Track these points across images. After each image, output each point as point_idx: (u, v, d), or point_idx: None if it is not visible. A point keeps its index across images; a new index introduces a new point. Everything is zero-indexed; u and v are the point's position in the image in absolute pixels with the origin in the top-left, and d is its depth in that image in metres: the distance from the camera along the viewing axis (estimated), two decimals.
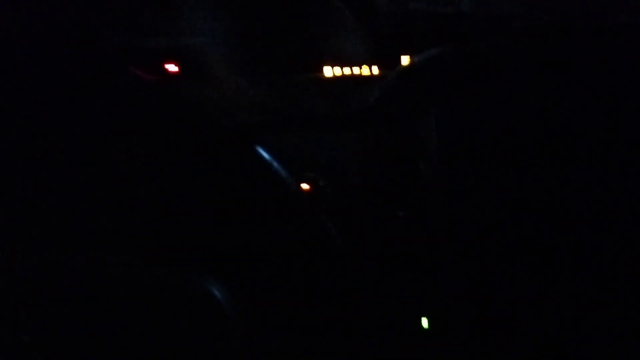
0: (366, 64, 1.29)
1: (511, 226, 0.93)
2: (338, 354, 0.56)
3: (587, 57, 0.97)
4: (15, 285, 0.53)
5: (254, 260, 0.54)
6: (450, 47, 1.01)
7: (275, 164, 0.56)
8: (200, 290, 0.53)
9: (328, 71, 1.30)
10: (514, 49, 1.00)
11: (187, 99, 0.55)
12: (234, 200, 0.53)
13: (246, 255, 0.54)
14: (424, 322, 0.90)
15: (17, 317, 0.52)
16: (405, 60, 1.31)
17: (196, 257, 0.54)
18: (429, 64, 1.02)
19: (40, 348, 0.50)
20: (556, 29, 1.02)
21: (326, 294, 0.57)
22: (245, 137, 0.57)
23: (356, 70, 1.30)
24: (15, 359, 0.50)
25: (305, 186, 0.77)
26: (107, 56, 0.90)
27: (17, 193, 0.56)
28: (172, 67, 1.29)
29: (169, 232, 0.54)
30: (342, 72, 1.30)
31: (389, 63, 1.27)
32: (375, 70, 1.30)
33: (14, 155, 0.56)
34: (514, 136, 0.94)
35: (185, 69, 1.28)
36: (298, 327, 0.55)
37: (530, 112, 0.94)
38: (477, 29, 1.22)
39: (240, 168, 0.53)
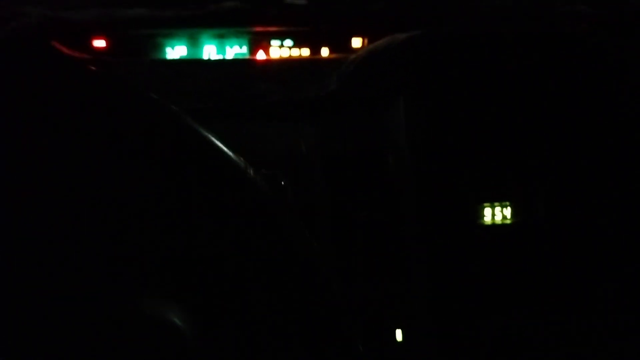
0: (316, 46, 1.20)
1: (489, 226, 0.86)
2: None
3: (560, 43, 0.92)
4: None
5: (219, 277, 0.44)
6: (419, 32, 0.93)
7: (237, 158, 0.45)
8: (158, 318, 0.43)
9: (275, 52, 1.19)
10: (486, 33, 0.93)
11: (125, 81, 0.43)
12: (192, 203, 0.42)
13: (209, 271, 0.44)
14: (398, 335, 0.82)
15: None
16: (356, 42, 1.22)
17: (148, 275, 0.43)
18: (395, 48, 0.93)
19: None
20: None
21: (298, 308, 0.48)
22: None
23: (305, 52, 1.20)
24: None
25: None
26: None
27: None
28: (99, 43, 1.15)
29: (111, 243, 0.43)
30: (290, 54, 1.19)
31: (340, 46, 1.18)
32: (326, 52, 1.20)
33: None
34: (489, 125, 0.88)
35: (115, 45, 1.15)
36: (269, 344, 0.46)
37: (507, 99, 0.88)
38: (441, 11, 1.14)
39: (199, 164, 0.43)
